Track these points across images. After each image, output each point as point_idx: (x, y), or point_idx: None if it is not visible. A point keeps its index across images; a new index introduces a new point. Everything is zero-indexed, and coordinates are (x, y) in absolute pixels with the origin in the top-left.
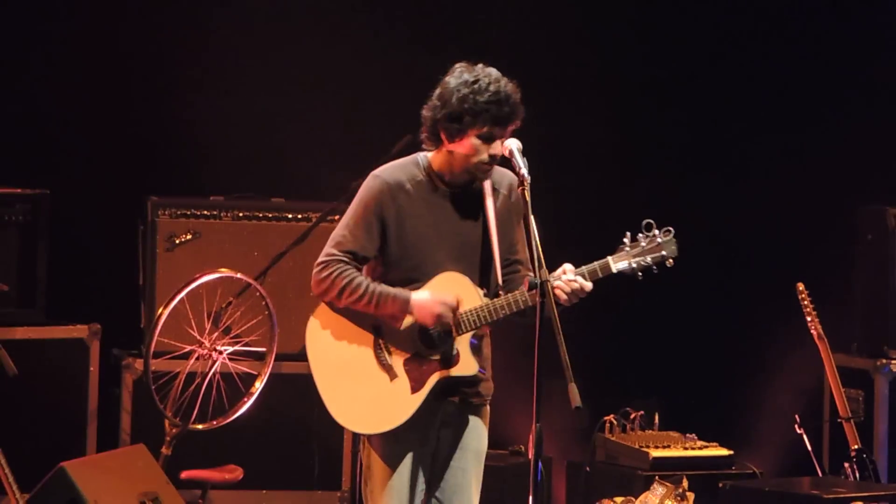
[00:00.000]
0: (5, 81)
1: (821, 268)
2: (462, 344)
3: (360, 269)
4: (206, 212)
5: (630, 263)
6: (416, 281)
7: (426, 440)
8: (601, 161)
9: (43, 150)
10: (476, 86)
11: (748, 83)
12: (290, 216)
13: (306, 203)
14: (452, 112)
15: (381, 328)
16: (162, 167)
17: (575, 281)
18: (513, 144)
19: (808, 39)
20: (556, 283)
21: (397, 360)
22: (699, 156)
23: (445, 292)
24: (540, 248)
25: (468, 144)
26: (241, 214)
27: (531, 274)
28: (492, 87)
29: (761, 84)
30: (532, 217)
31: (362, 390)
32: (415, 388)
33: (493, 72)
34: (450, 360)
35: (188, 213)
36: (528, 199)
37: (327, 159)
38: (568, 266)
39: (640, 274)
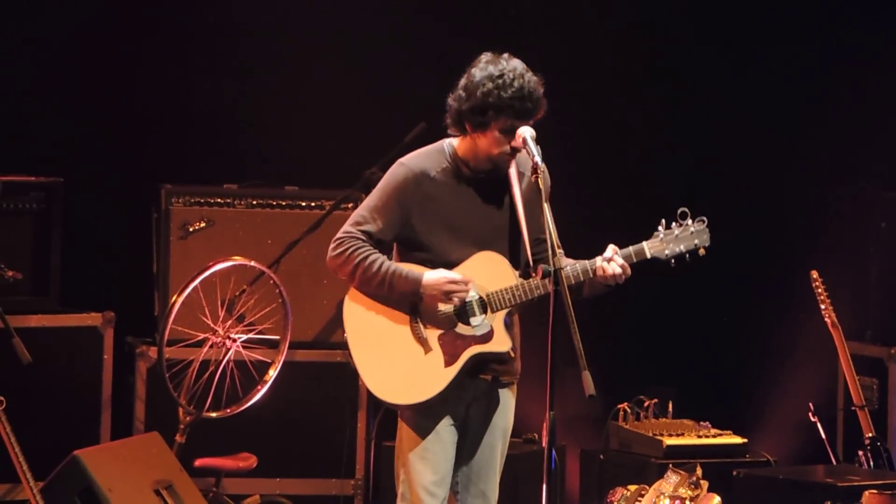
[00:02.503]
0: (19, 69)
1: (835, 255)
2: (497, 321)
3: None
4: (219, 200)
5: (664, 251)
6: (447, 265)
7: (457, 416)
8: (625, 149)
9: (57, 138)
10: (501, 80)
11: (762, 69)
12: (303, 204)
13: (320, 191)
14: (476, 105)
15: (417, 302)
16: (175, 155)
17: (619, 265)
18: (526, 133)
19: (819, 22)
20: (601, 264)
21: (432, 334)
22: (712, 143)
23: (471, 271)
24: (555, 236)
25: (491, 137)
26: (254, 202)
27: (560, 250)
28: (516, 83)
29: (775, 70)
30: (546, 205)
31: (397, 362)
32: (448, 362)
33: (518, 65)
34: (485, 335)
35: (202, 200)
36: (541, 186)
37: (341, 147)
38: (613, 247)
39: (672, 261)
